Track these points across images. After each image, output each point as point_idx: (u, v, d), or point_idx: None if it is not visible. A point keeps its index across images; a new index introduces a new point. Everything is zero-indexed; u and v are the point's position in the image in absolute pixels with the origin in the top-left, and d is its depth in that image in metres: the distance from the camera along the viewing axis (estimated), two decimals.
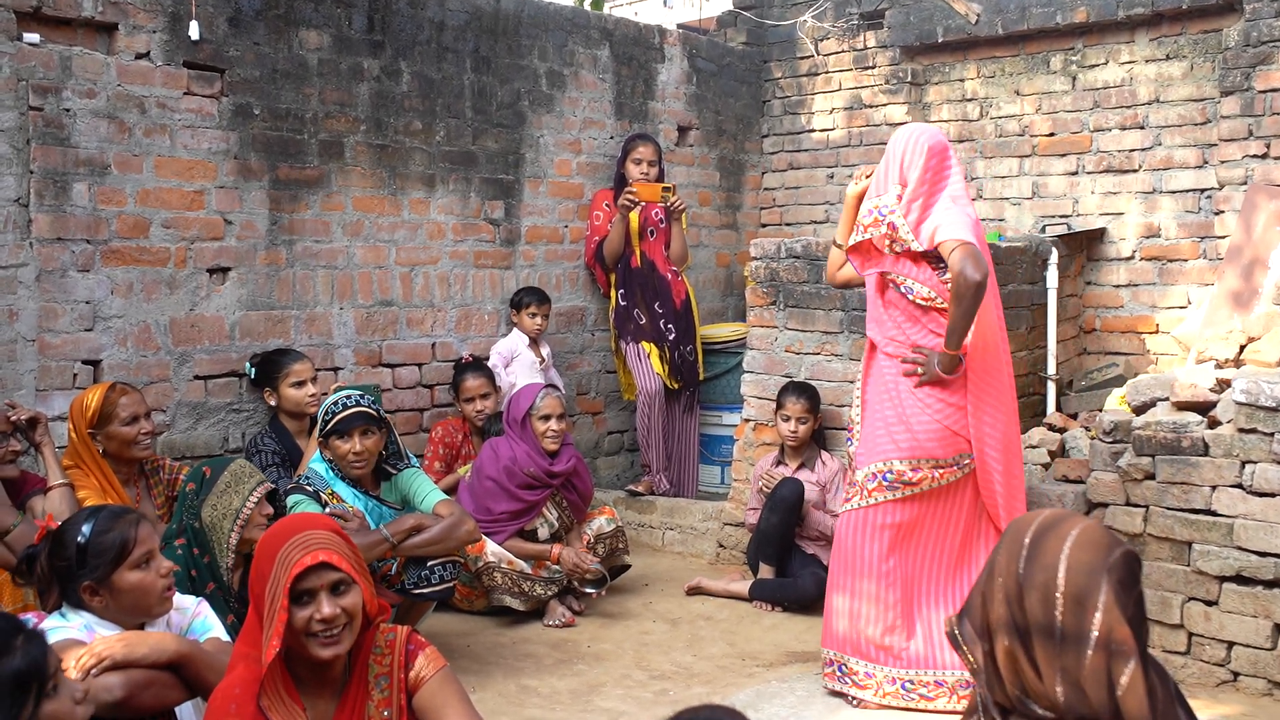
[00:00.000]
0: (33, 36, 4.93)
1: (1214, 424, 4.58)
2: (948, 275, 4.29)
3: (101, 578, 2.96)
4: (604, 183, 7.17)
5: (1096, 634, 1.90)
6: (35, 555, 3.07)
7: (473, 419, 6.17)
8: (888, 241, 4.43)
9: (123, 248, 5.23)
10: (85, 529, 2.98)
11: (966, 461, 4.41)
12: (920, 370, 4.40)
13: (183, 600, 3.21)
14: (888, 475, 4.39)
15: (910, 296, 4.44)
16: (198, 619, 3.20)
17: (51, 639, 2.85)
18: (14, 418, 4.26)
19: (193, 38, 5.35)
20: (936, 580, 4.49)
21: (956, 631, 2.12)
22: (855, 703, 4.41)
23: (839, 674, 4.46)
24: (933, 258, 4.39)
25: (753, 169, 8.45)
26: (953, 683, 4.37)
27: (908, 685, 4.40)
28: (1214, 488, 4.49)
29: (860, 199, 4.65)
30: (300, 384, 5.45)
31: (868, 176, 4.65)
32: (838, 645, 4.48)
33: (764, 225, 8.47)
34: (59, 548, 3.01)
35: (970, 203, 4.46)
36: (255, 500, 3.79)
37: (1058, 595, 1.93)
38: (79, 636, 2.90)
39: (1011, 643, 1.98)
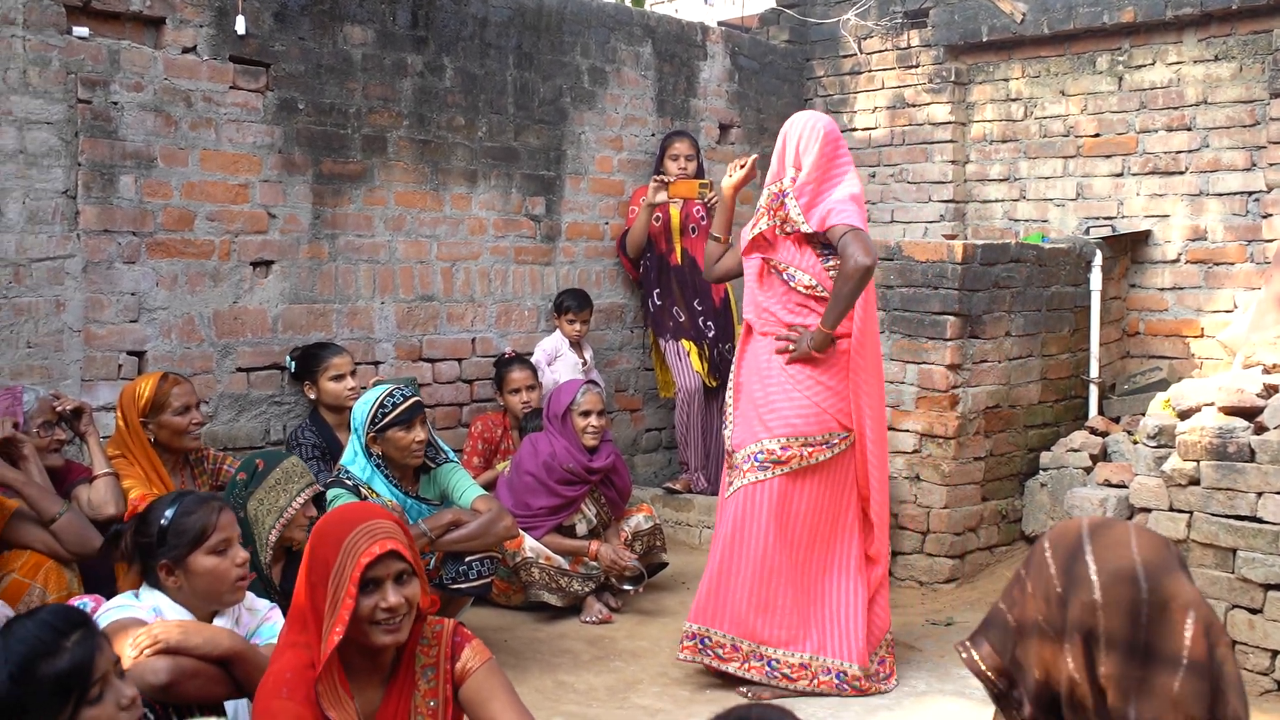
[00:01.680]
0: (82, 30, 4.98)
1: (1260, 430, 4.52)
2: (831, 263, 4.46)
3: (178, 558, 3.06)
4: (644, 180, 7.16)
5: (1188, 650, 1.79)
6: (122, 532, 3.23)
7: (516, 411, 6.19)
8: (778, 223, 4.55)
9: (168, 240, 5.28)
10: (169, 511, 3.11)
11: (836, 441, 4.52)
12: (792, 347, 4.52)
13: (257, 602, 3.28)
14: (759, 455, 4.50)
15: (792, 284, 4.55)
16: (267, 623, 3.25)
17: (118, 615, 2.97)
18: (59, 408, 4.30)
19: (239, 32, 5.39)
20: (809, 560, 4.57)
21: (975, 654, 2.00)
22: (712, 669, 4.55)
23: (700, 646, 4.53)
24: (818, 245, 4.53)
25: None
26: (815, 667, 4.46)
27: (774, 664, 4.46)
28: (1260, 494, 4.43)
29: (736, 192, 4.87)
30: (339, 378, 5.48)
31: (743, 167, 4.83)
32: (704, 619, 4.55)
33: None
34: (144, 525, 3.14)
35: (862, 193, 4.63)
36: (302, 501, 3.83)
37: (1144, 602, 1.82)
38: (144, 617, 2.97)
39: (1074, 659, 1.85)
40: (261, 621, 3.26)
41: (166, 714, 2.85)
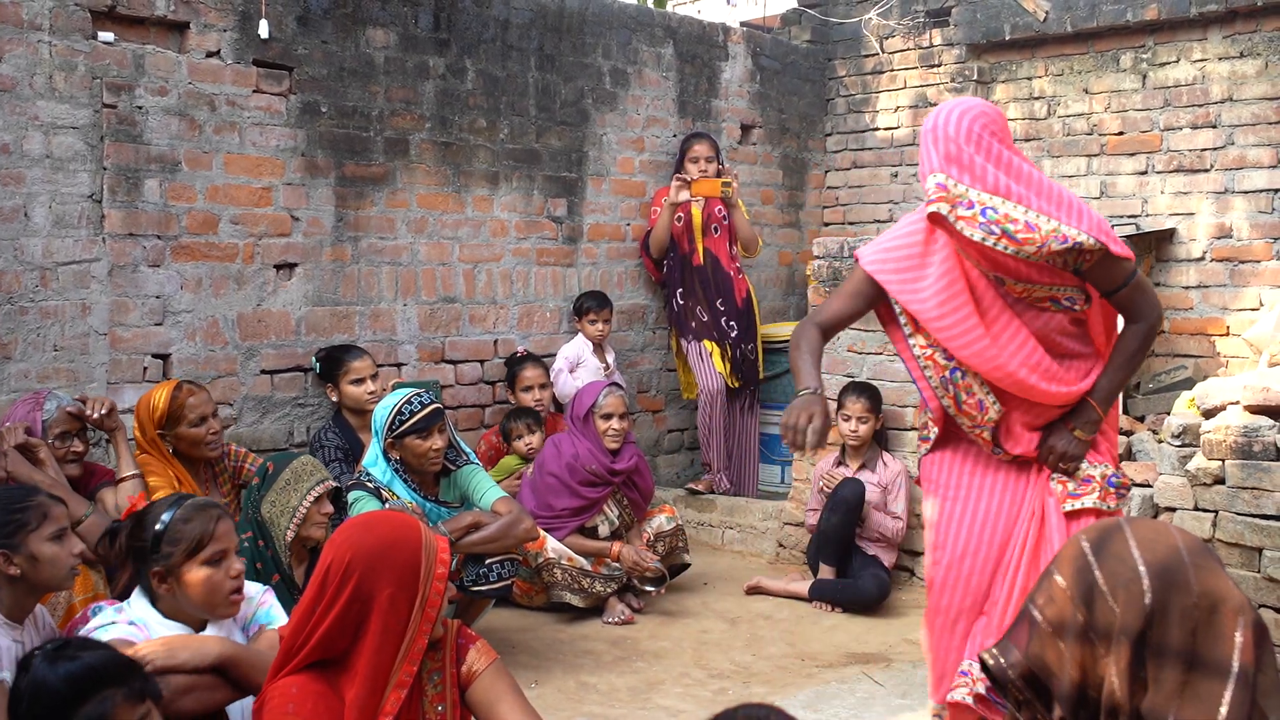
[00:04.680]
0: (107, 35, 5.02)
1: None
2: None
3: (171, 566, 2.96)
4: (666, 181, 7.16)
5: (1240, 649, 1.77)
6: (117, 531, 3.11)
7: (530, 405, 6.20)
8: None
9: (192, 243, 5.31)
10: (166, 515, 3.00)
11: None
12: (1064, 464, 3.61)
13: (249, 588, 3.17)
14: (1113, 480, 3.66)
15: (1076, 306, 3.53)
16: (262, 608, 3.19)
17: (108, 634, 2.87)
18: (91, 414, 4.30)
19: (262, 36, 5.42)
20: None
21: (1003, 661, 1.94)
22: None
23: None
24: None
25: (816, 168, 8.40)
26: None
27: None
28: None
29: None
30: (359, 381, 5.50)
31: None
32: None
33: (826, 224, 8.42)
34: (138, 528, 3.03)
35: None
36: (313, 499, 3.82)
37: (1194, 606, 1.79)
38: (128, 635, 2.88)
39: (1118, 662, 1.81)
40: (257, 607, 3.19)
41: None
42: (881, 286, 3.59)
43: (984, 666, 1.97)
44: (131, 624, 2.93)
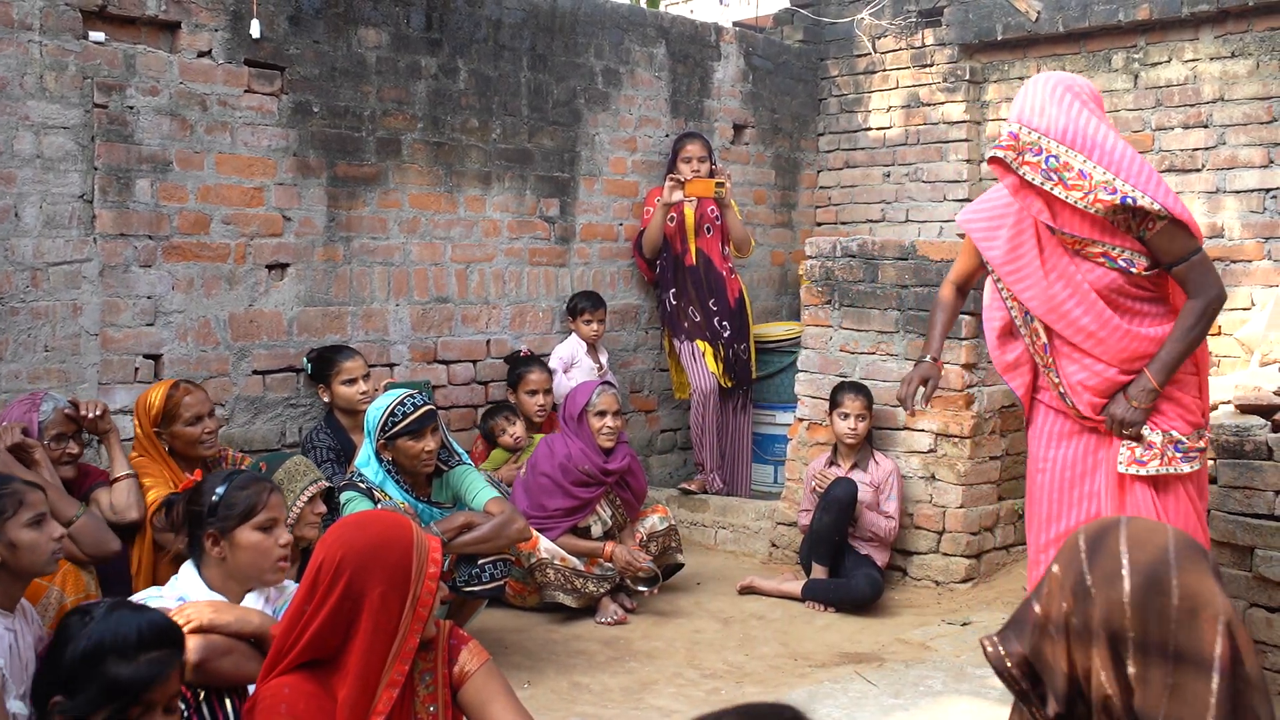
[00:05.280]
0: (98, 35, 5.01)
1: (1278, 428, 4.49)
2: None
3: (225, 529, 3.16)
4: (658, 181, 7.16)
5: (1219, 654, 1.78)
6: (174, 501, 3.37)
7: (531, 412, 6.19)
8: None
9: (184, 244, 5.30)
10: (222, 486, 3.23)
11: None
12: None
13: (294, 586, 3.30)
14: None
15: (1134, 269, 3.77)
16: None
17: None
18: (85, 414, 4.29)
19: (254, 36, 5.41)
20: None
21: (1001, 650, 1.96)
22: None
23: None
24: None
25: (808, 167, 8.41)
26: None
27: None
28: (1277, 492, 4.41)
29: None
30: (351, 381, 5.50)
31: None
32: None
33: (819, 224, 8.42)
34: (197, 495, 3.26)
35: None
36: (306, 499, 3.86)
37: (1173, 606, 1.80)
38: (171, 607, 2.98)
39: (1099, 656, 1.84)
40: (289, 599, 3.22)
41: (197, 699, 2.87)
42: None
43: (985, 654, 1.99)
44: (178, 600, 3.09)
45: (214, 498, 3.19)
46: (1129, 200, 3.55)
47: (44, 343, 4.89)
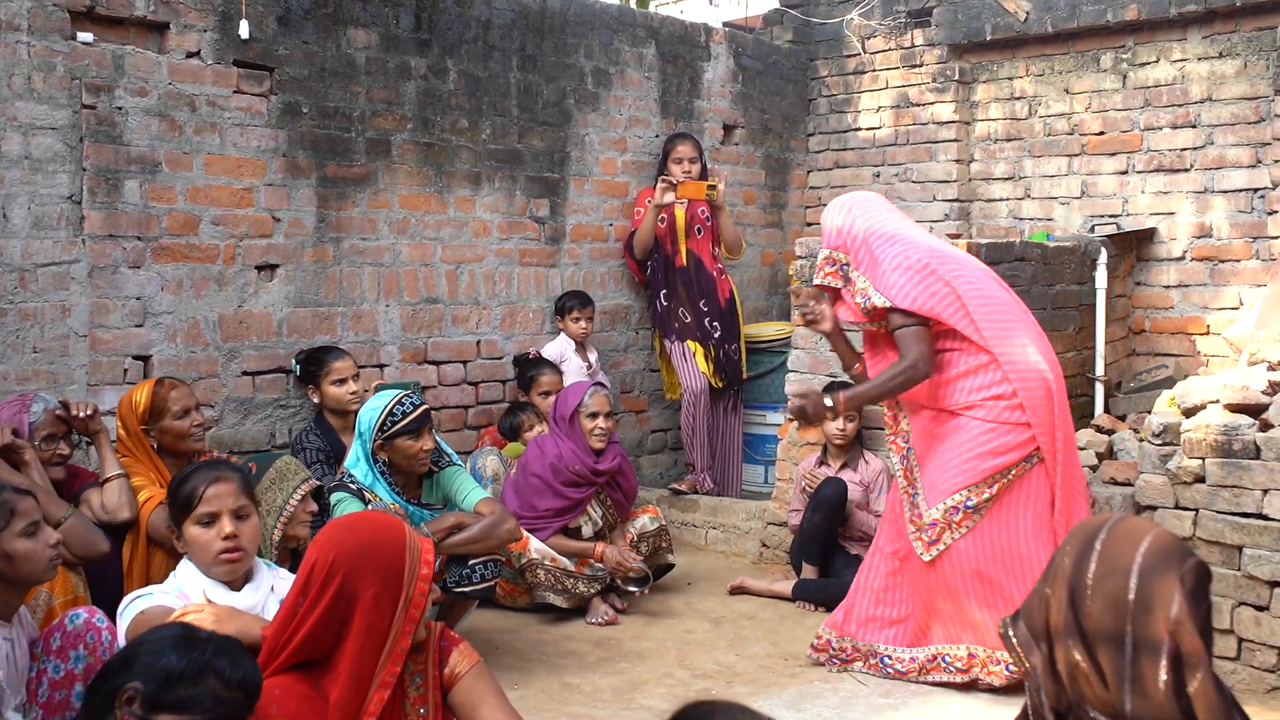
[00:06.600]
0: (86, 35, 4.99)
1: (1266, 427, 4.51)
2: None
3: (178, 523, 3.23)
4: (648, 181, 7.16)
5: (1168, 644, 1.85)
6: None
7: (546, 412, 6.20)
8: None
9: (173, 244, 5.29)
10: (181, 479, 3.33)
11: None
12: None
13: (291, 575, 3.27)
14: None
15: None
16: None
17: (144, 604, 3.01)
18: (76, 414, 4.28)
19: (243, 36, 5.40)
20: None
21: (1010, 633, 2.08)
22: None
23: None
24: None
25: (798, 168, 8.42)
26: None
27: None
28: (1266, 491, 4.42)
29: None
30: (341, 382, 5.49)
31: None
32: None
33: (809, 224, 8.42)
34: (173, 489, 3.33)
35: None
36: (299, 498, 3.85)
37: (1129, 603, 1.89)
38: (169, 602, 2.99)
39: (1075, 649, 1.93)
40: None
41: None
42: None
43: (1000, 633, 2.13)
44: (176, 590, 3.11)
45: (178, 489, 3.27)
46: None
47: (33, 344, 4.88)
